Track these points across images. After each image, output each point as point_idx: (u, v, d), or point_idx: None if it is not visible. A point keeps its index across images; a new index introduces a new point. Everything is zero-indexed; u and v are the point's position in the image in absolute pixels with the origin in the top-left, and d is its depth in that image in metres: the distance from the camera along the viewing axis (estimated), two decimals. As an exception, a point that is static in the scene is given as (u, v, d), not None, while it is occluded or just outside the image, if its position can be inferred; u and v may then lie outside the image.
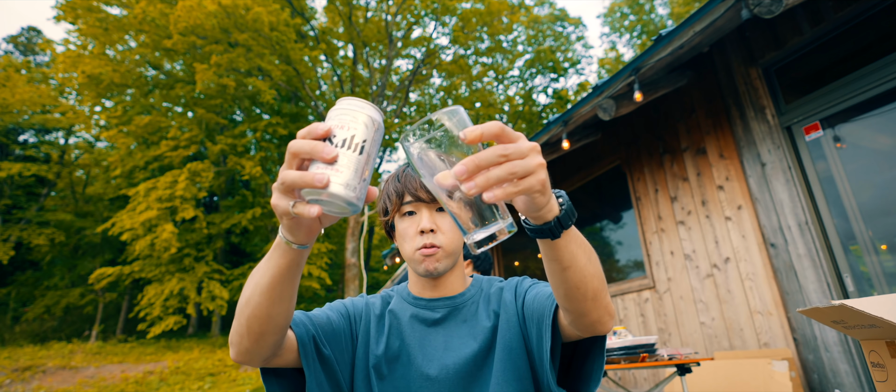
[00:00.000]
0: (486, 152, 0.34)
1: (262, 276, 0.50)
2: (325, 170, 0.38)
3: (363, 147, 0.40)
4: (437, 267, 0.72)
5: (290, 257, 0.48)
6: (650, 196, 3.27)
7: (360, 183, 0.40)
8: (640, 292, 3.25)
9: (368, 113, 0.41)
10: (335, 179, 0.37)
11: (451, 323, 0.73)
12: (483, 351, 0.69)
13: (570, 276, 0.48)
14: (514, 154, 0.35)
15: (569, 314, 0.53)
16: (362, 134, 0.40)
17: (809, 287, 2.33)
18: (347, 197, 0.38)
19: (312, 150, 0.38)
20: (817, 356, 2.29)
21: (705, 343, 2.77)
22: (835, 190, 2.33)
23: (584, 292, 0.49)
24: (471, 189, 0.34)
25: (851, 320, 0.96)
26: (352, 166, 0.39)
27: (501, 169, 0.34)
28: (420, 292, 0.77)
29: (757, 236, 2.59)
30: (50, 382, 7.10)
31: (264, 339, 0.53)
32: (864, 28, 2.23)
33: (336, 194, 0.38)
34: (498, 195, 0.34)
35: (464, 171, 0.34)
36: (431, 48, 13.72)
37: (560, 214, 0.44)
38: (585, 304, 0.50)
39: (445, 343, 0.70)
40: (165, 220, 10.22)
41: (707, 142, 2.92)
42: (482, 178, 0.34)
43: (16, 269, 14.43)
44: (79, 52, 11.47)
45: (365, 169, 0.40)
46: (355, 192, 0.39)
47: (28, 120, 14.34)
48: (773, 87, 2.62)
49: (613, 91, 2.68)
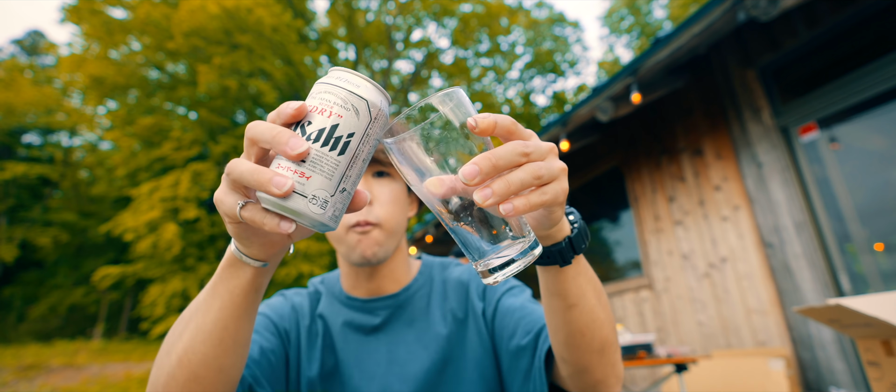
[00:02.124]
0: (505, 149, 0.26)
1: (205, 314, 0.33)
2: (289, 172, 0.27)
3: (347, 144, 0.28)
4: (377, 252, 0.55)
5: (246, 278, 0.33)
6: (648, 196, 3.29)
7: (338, 195, 0.28)
8: (638, 291, 3.27)
9: (364, 94, 0.29)
10: (300, 187, 0.27)
11: (394, 328, 0.58)
12: (436, 365, 0.54)
13: (576, 318, 0.38)
14: (535, 153, 0.27)
15: (567, 366, 0.42)
16: (349, 124, 0.28)
17: (806, 286, 2.35)
18: (312, 215, 0.27)
19: (274, 139, 0.27)
20: (813, 354, 2.31)
21: (702, 342, 2.80)
22: (830, 190, 2.35)
23: (590, 341, 0.38)
24: (488, 199, 0.25)
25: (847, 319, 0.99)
26: (326, 170, 0.27)
27: (524, 171, 0.26)
28: (353, 288, 0.60)
29: (754, 236, 2.61)
30: (54, 381, 7.16)
31: (198, 387, 0.34)
32: (859, 30, 2.26)
33: (296, 210, 0.27)
34: (520, 207, 0.25)
35: (476, 172, 0.25)
36: (432, 50, 13.77)
37: (572, 234, 0.34)
38: (591, 358, 0.39)
39: (389, 356, 0.56)
40: (168, 220, 10.29)
41: (704, 143, 2.94)
42: (501, 184, 0.25)
43: (21, 269, 14.54)
44: (83, 55, 11.58)
45: (347, 175, 0.29)
46: (325, 210, 0.28)
47: (33, 121, 14.46)
48: (770, 88, 2.64)
49: (612, 93, 2.71)
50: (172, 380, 0.33)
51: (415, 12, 13.19)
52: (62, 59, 12.33)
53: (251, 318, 0.35)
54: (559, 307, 0.38)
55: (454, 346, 0.56)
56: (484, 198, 0.25)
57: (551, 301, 0.38)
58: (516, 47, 16.15)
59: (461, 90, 0.29)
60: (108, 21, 11.36)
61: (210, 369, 0.34)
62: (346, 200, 0.30)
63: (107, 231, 11.41)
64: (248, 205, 0.29)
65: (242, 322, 0.34)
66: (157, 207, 10.11)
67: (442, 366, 0.55)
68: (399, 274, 0.61)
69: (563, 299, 0.37)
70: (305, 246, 10.70)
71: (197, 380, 0.33)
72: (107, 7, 11.37)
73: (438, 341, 0.56)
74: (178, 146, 11.68)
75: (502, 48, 15.31)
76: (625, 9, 17.59)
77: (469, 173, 0.25)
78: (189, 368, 0.33)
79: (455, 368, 0.55)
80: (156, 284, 10.63)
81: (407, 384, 0.54)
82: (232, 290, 0.33)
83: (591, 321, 0.38)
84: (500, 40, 14.90)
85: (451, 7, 12.62)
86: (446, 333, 0.57)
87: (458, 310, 0.59)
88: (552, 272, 0.36)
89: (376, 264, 0.57)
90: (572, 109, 3.00)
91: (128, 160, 12.28)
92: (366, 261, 0.55)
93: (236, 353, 0.35)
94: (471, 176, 0.25)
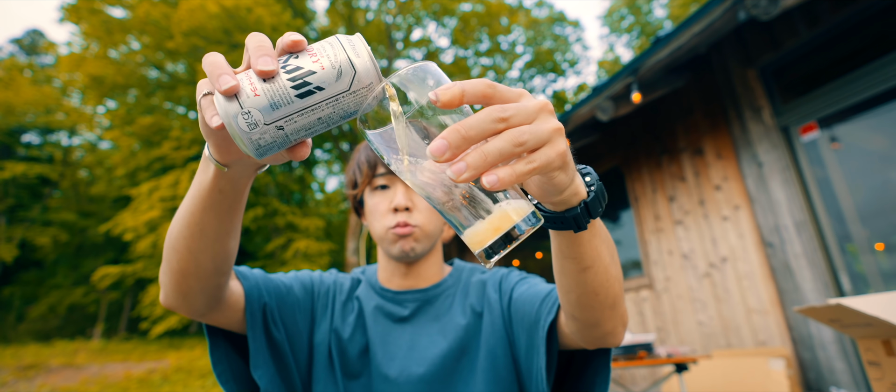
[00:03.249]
0: (477, 116, 0.24)
1: (185, 202, 0.40)
2: (245, 80, 0.28)
3: (310, 93, 0.28)
4: (415, 248, 0.61)
5: (209, 176, 0.37)
6: (648, 196, 3.29)
7: (272, 127, 0.28)
8: (638, 291, 3.27)
9: (357, 66, 0.29)
10: (243, 97, 0.27)
11: (421, 320, 0.63)
12: (454, 352, 0.59)
13: (591, 279, 0.37)
14: (516, 116, 0.24)
15: (577, 323, 0.42)
16: (325, 79, 0.28)
17: (806, 286, 2.35)
18: (237, 125, 0.28)
19: (255, 49, 0.28)
20: (814, 354, 2.31)
21: (703, 341, 2.80)
22: (831, 190, 2.35)
23: (604, 299, 0.39)
24: (462, 173, 0.23)
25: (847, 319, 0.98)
26: (275, 100, 0.28)
27: (502, 139, 0.23)
28: (387, 281, 0.66)
29: (754, 236, 2.61)
30: (54, 380, 7.15)
31: (187, 282, 0.43)
32: (860, 30, 2.25)
33: (227, 112, 0.28)
34: (504, 178, 0.23)
35: (444, 147, 0.23)
36: (432, 50, 13.78)
37: (588, 198, 0.32)
38: (603, 313, 0.40)
39: (411, 342, 0.60)
40: (168, 219, 10.27)
41: (705, 142, 2.94)
42: (477, 156, 0.23)
43: (20, 269, 14.54)
44: (82, 54, 11.57)
45: (292, 118, 0.28)
46: (251, 131, 0.28)
47: (32, 121, 14.45)
48: (770, 88, 2.64)
49: (612, 92, 2.71)
50: (165, 248, 0.44)
51: (415, 11, 13.19)
52: (61, 59, 12.31)
53: (217, 214, 0.40)
54: (573, 270, 0.37)
55: (471, 337, 0.60)
56: (458, 173, 0.23)
57: (564, 263, 0.37)
58: (516, 47, 16.15)
59: (432, 64, 0.28)
60: (108, 20, 11.35)
61: (182, 248, 0.41)
62: (282, 142, 0.30)
63: (106, 231, 11.40)
64: (207, 94, 0.31)
65: (208, 215, 0.39)
66: (156, 207, 10.10)
67: (459, 354, 0.59)
68: (430, 273, 0.66)
69: (578, 262, 0.36)
70: (305, 246, 10.70)
71: (175, 251, 0.42)
72: (106, 6, 11.36)
73: (457, 331, 0.60)
74: (177, 146, 11.67)
75: (502, 47, 15.31)
76: (625, 8, 17.60)
77: (436, 149, 0.23)
78: (170, 240, 0.42)
79: (470, 358, 0.59)
80: (155, 284, 10.62)
81: (423, 366, 0.58)
82: (200, 184, 0.38)
83: (605, 281, 0.38)
84: (501, 39, 14.90)
85: (451, 6, 12.62)
86: (465, 324, 0.61)
87: (477, 304, 0.63)
88: (566, 237, 0.35)
89: (414, 259, 0.63)
90: (572, 109, 3.00)
91: (127, 160, 12.27)
92: (404, 255, 0.62)
93: (203, 241, 0.41)
94: (439, 151, 0.23)
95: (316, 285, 0.65)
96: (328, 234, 14.31)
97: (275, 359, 0.55)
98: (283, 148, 0.31)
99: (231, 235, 0.43)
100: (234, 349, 0.56)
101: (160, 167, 12.21)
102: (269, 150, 0.30)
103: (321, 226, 12.45)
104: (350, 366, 0.60)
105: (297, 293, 0.61)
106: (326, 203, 17.44)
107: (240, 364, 0.55)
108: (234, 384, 0.54)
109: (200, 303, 0.46)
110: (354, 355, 0.60)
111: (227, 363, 0.54)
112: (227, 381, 0.53)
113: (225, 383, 0.53)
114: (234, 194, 0.39)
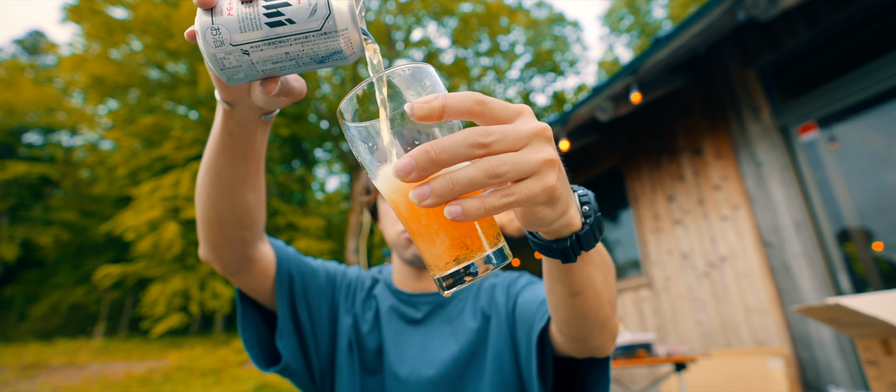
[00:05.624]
0: (453, 137, 0.21)
1: (205, 151, 0.43)
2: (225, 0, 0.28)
3: (280, 23, 0.28)
4: None
5: (220, 117, 0.39)
6: (647, 196, 3.30)
7: (237, 51, 0.28)
8: (638, 290, 3.28)
9: (335, 7, 0.28)
10: (217, 13, 0.28)
11: (434, 323, 0.64)
12: (464, 355, 0.59)
13: (579, 304, 0.36)
14: (500, 142, 0.21)
15: (564, 336, 0.43)
16: (298, 14, 0.28)
17: (805, 286, 2.35)
18: (205, 39, 0.28)
19: None
20: (812, 353, 2.32)
21: (702, 341, 2.80)
22: (830, 190, 2.36)
23: (592, 321, 0.38)
24: (424, 199, 0.20)
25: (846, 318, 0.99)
26: (245, 24, 0.28)
27: (475, 168, 0.21)
28: (402, 283, 0.68)
29: (753, 235, 2.62)
30: (55, 379, 7.18)
31: (212, 232, 0.46)
32: (859, 30, 2.26)
33: (200, 24, 0.28)
34: (469, 212, 0.21)
35: (410, 167, 0.20)
36: (432, 50, 13.79)
37: (581, 231, 0.29)
38: (592, 332, 0.39)
39: (423, 344, 0.62)
40: (169, 219, 10.31)
41: (704, 142, 2.95)
42: (443, 183, 0.20)
43: (22, 268, 14.58)
44: (84, 54, 11.60)
45: (258, 45, 0.28)
46: (216, 48, 0.28)
47: (34, 121, 14.49)
48: (770, 88, 2.65)
49: (611, 92, 2.72)
50: (196, 197, 0.47)
51: (415, 12, 13.20)
52: (63, 59, 12.35)
53: (230, 158, 0.42)
54: (562, 293, 0.36)
55: (481, 341, 0.61)
56: (420, 197, 0.20)
57: (553, 286, 0.36)
58: (516, 47, 16.15)
59: (429, 68, 0.25)
60: (109, 21, 11.37)
61: (203, 195, 0.45)
62: (248, 70, 0.30)
63: (108, 230, 11.43)
64: None
65: (221, 158, 0.42)
66: (157, 207, 10.13)
67: (469, 357, 0.60)
68: None
69: (567, 287, 0.35)
70: (306, 245, 10.71)
71: (199, 199, 0.46)
72: (107, 7, 11.38)
73: (468, 334, 0.61)
74: (178, 145, 11.69)
75: (502, 48, 15.32)
76: (625, 8, 17.59)
77: (402, 168, 0.20)
78: (197, 192, 0.46)
79: (479, 361, 0.60)
80: (157, 283, 10.65)
81: (434, 369, 0.59)
82: (214, 128, 0.41)
83: (595, 305, 0.36)
84: (500, 40, 14.91)
85: (451, 6, 12.63)
86: (476, 327, 0.62)
87: (487, 308, 0.64)
88: (555, 264, 0.33)
89: (424, 265, 0.64)
90: (572, 109, 3.01)
91: (128, 159, 12.29)
92: (416, 259, 0.64)
93: (220, 187, 0.43)
94: (404, 171, 0.20)
95: (339, 277, 0.68)
96: (329, 234, 14.33)
97: (298, 335, 0.59)
98: (251, 79, 0.31)
99: (248, 186, 0.45)
100: (263, 320, 0.59)
101: (161, 167, 12.23)
102: (236, 75, 0.30)
103: (322, 225, 12.47)
104: (368, 361, 0.62)
105: (321, 279, 0.64)
106: (327, 203, 17.46)
107: (266, 334, 0.59)
108: (258, 350, 0.57)
109: (229, 257, 0.49)
110: (371, 351, 0.63)
111: (255, 330, 0.57)
112: (253, 346, 0.56)
113: (250, 349, 0.56)
114: (245, 138, 0.41)
